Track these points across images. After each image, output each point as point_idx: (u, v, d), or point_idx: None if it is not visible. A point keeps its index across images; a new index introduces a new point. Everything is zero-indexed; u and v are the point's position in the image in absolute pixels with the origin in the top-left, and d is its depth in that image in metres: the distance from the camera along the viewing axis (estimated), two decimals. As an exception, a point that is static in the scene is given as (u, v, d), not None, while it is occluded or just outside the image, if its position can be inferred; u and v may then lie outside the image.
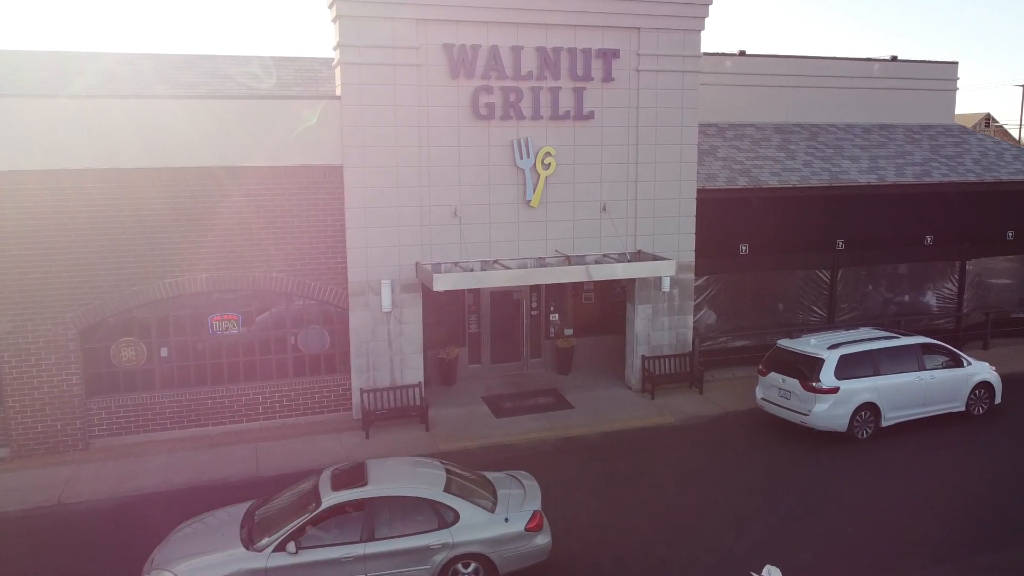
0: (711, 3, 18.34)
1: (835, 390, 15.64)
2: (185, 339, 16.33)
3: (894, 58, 25.02)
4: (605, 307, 21.18)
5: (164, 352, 16.29)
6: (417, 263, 17.06)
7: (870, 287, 22.38)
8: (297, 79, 19.05)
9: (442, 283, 15.75)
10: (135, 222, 15.47)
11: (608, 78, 17.82)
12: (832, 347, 16.12)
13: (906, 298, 22.88)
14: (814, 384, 15.70)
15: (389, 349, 17.24)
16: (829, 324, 21.47)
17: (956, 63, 25.88)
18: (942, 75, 25.81)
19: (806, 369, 16.02)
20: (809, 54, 24.60)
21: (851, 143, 23.71)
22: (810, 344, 16.47)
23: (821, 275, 21.40)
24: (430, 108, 16.80)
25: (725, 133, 22.94)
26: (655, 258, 18.09)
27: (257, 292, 16.50)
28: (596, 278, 17.20)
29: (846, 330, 17.84)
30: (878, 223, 21.70)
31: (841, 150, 23.12)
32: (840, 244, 21.27)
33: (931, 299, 23.13)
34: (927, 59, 25.80)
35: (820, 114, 24.63)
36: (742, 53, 23.33)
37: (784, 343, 16.95)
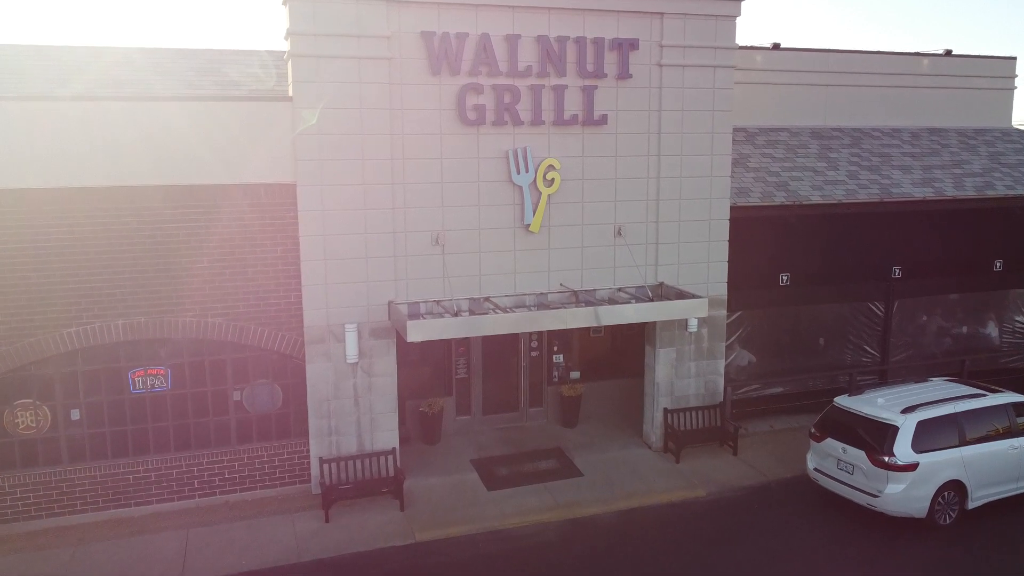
0: (749, -17, 15.13)
1: (913, 466, 12.43)
2: (100, 399, 13.11)
3: (948, 52, 21.79)
4: (618, 343, 17.94)
5: (76, 415, 13.08)
6: (390, 302, 13.85)
7: (924, 318, 19.19)
8: (246, 77, 15.82)
9: (418, 332, 12.55)
10: (27, 256, 12.27)
11: (624, 75, 14.61)
12: (907, 410, 12.89)
13: (964, 330, 19.68)
14: (887, 459, 12.48)
15: (356, 408, 14.02)
16: (883, 364, 18.28)
17: (1014, 59, 22.67)
18: (999, 72, 22.55)
19: (874, 438, 12.80)
20: (848, 48, 21.39)
21: (899, 150, 20.52)
22: (877, 405, 13.23)
23: (874, 308, 18.18)
24: (405, 112, 13.59)
25: (756, 139, 19.73)
26: (681, 295, 14.87)
27: (190, 341, 13.27)
28: (609, 323, 13.98)
29: (916, 383, 14.60)
30: (938, 245, 18.52)
31: (889, 158, 19.92)
32: (897, 272, 18.05)
33: (993, 332, 19.93)
34: (982, 54, 22.56)
35: (862, 116, 21.39)
36: (776, 46, 20.12)
37: (843, 402, 13.72)
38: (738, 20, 15.31)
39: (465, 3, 13.52)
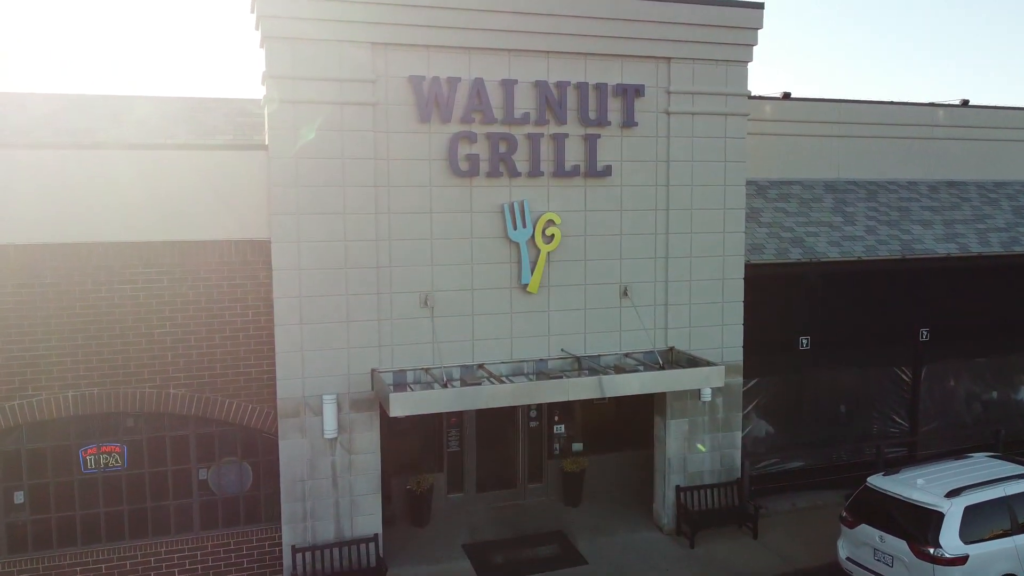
0: (761, 27, 14.17)
1: (963, 559, 10.96)
2: (46, 481, 11.69)
3: (965, 103, 20.87)
4: (624, 411, 16.51)
5: (19, 498, 11.66)
6: (373, 371, 12.53)
7: (952, 383, 17.85)
8: (228, 125, 14.77)
9: (401, 406, 11.21)
10: (-32, 322, 11.01)
11: (629, 123, 13.55)
12: (951, 493, 11.45)
13: (995, 395, 18.32)
14: (932, 551, 11.01)
15: (334, 489, 12.58)
16: (912, 435, 16.87)
17: (1034, 109, 21.74)
18: (1018, 123, 21.60)
19: (916, 526, 11.35)
20: (861, 98, 20.51)
21: (918, 204, 19.44)
22: (917, 487, 11.81)
23: (901, 374, 16.84)
24: (391, 162, 12.48)
25: (767, 192, 18.64)
26: (693, 361, 13.56)
27: (149, 414, 11.92)
28: (615, 394, 12.64)
29: (955, 460, 13.21)
30: (966, 305, 17.29)
31: (908, 213, 18.83)
32: (924, 334, 16.77)
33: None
34: (1000, 104, 21.70)
35: (877, 168, 20.32)
36: (786, 96, 19.17)
37: (878, 483, 12.29)
38: (750, 66, 14.33)
39: (457, 46, 12.52)
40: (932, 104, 20.82)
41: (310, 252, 12.14)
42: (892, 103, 20.38)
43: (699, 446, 14.47)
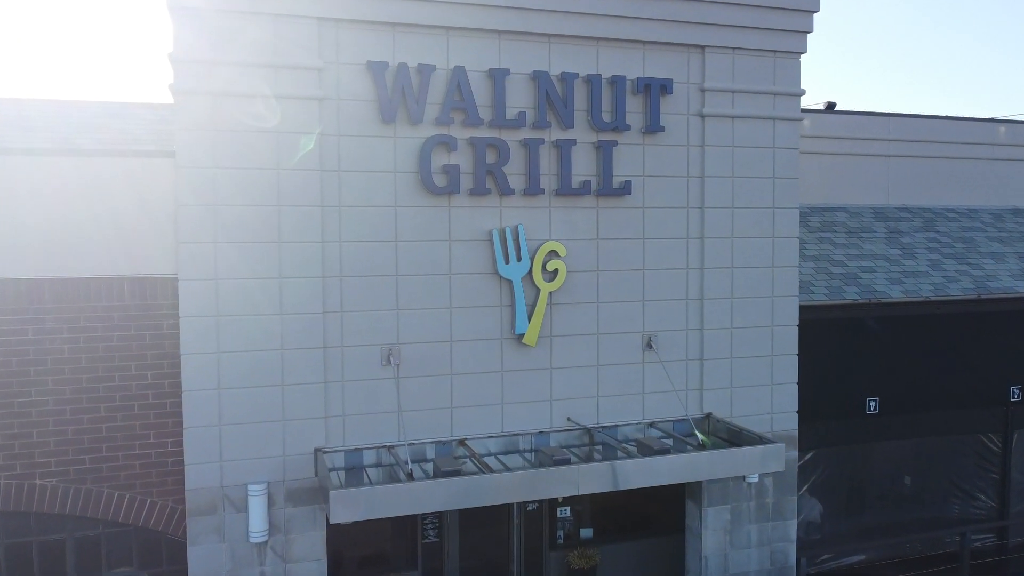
0: (817, 10, 11.33)
1: None
2: None
3: (1033, 117, 18.08)
4: (646, 488, 13.35)
5: None
6: (317, 451, 9.45)
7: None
8: (150, 133, 11.83)
9: (347, 508, 8.11)
10: None
11: (654, 127, 10.64)
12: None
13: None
14: None
15: (263, 611, 9.43)
16: (1001, 519, 13.75)
17: (1104, 126, 18.95)
18: (1088, 142, 18.83)
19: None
20: (913, 112, 17.77)
21: (983, 234, 16.57)
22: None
23: (988, 442, 13.76)
24: (343, 175, 9.53)
25: (809, 220, 15.74)
26: (736, 433, 10.50)
27: (7, 515, 8.83)
28: (638, 485, 9.56)
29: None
30: (1057, 356, 14.33)
31: (974, 244, 15.96)
32: (1016, 393, 13.72)
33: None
34: (1066, 120, 18.93)
35: (931, 193, 17.50)
36: (830, 107, 16.35)
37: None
38: (803, 59, 11.48)
39: (431, 24, 9.64)
40: (993, 120, 18.05)
41: (232, 293, 9.12)
42: (949, 118, 17.59)
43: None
